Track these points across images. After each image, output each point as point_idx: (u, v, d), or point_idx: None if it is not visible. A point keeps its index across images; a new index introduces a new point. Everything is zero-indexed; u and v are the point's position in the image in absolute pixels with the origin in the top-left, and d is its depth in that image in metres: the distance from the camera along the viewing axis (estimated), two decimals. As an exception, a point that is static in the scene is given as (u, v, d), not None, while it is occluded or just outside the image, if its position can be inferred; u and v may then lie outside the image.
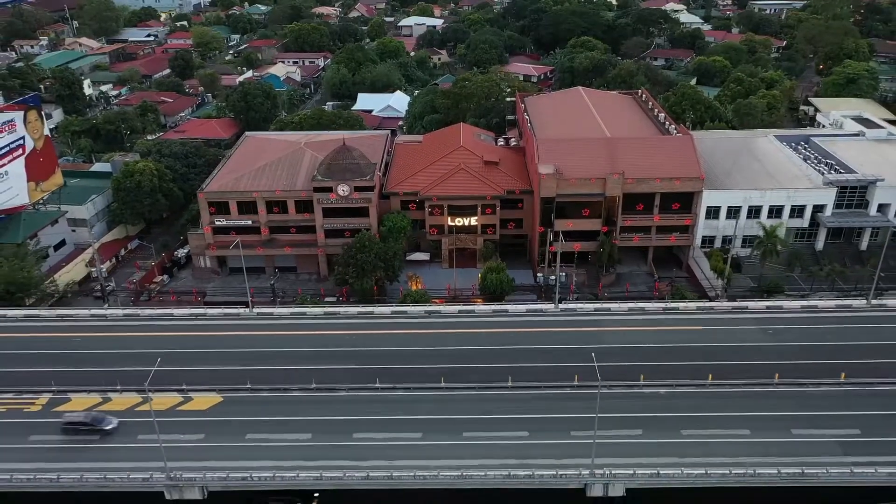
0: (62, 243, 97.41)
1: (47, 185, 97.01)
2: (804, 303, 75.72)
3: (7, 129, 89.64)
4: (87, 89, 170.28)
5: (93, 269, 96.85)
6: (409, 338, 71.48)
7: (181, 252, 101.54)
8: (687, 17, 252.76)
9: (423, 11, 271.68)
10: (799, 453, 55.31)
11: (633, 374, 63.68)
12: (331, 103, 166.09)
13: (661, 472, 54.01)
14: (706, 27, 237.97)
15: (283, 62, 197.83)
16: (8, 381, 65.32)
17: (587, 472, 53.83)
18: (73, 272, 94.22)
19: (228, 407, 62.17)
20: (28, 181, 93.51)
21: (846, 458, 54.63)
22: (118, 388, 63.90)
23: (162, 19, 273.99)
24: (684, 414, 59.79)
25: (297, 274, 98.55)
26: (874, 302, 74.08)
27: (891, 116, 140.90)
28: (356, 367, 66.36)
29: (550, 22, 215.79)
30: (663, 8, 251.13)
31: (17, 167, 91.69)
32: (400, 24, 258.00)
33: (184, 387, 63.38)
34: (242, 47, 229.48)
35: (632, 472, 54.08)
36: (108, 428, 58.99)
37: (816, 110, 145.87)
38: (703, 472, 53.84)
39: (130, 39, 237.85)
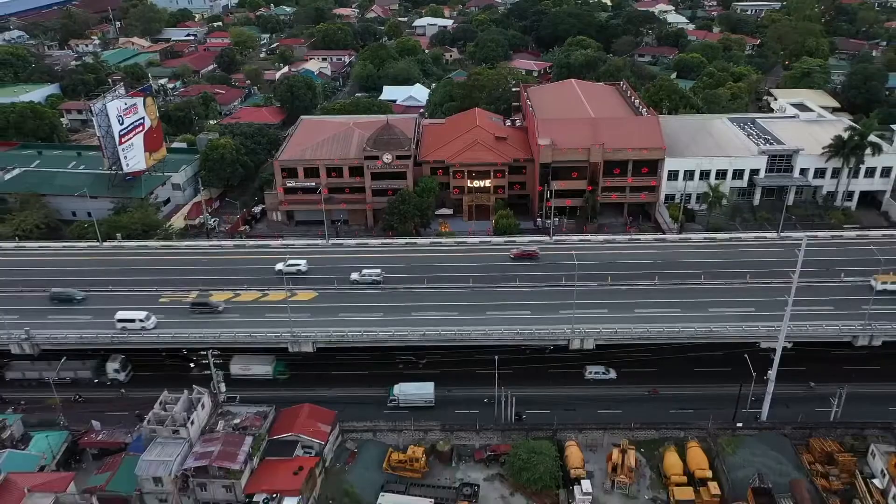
0: (168, 200, 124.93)
1: (157, 155, 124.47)
2: (731, 235, 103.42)
3: (132, 111, 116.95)
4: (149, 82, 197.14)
5: (189, 222, 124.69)
6: (444, 258, 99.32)
7: (257, 209, 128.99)
8: (674, 18, 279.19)
9: (435, 13, 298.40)
10: (713, 321, 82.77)
11: (603, 277, 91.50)
12: (359, 94, 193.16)
13: (618, 330, 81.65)
14: (690, 27, 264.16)
15: (314, 59, 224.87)
16: (165, 284, 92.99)
17: (569, 331, 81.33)
18: (176, 222, 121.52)
19: (323, 299, 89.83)
20: (145, 151, 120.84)
21: (742, 324, 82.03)
22: (244, 287, 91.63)
23: (196, 20, 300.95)
24: (636, 300, 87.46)
25: (349, 225, 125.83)
26: (782, 234, 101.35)
27: (835, 104, 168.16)
28: (408, 275, 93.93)
29: (550, 22, 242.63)
30: (653, 10, 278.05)
31: (139, 140, 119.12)
32: (414, 24, 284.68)
33: (290, 286, 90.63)
34: (274, 45, 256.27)
35: (598, 330, 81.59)
36: None
37: (775, 99, 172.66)
38: (646, 330, 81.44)
39: (173, 39, 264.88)
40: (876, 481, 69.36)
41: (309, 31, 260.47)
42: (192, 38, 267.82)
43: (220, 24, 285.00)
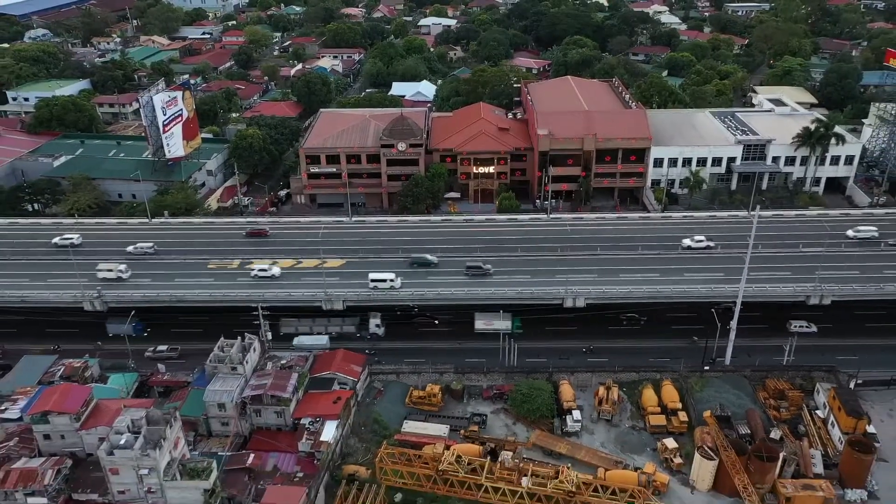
0: (203, 184, 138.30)
1: (193, 143, 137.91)
2: (708, 213, 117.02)
3: (173, 103, 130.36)
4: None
5: (221, 204, 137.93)
6: (455, 232, 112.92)
7: (282, 192, 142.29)
8: (667, 18, 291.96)
9: (439, 12, 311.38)
10: (687, 283, 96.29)
11: (593, 248, 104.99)
12: (370, 90, 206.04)
13: (605, 290, 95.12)
14: (683, 27, 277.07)
15: (326, 56, 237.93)
16: (211, 254, 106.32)
17: (563, 291, 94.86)
18: (211, 204, 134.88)
19: (350, 266, 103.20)
20: (183, 140, 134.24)
21: (711, 285, 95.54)
22: (281, 256, 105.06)
23: (210, 19, 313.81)
24: (622, 266, 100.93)
25: (366, 207, 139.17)
26: (752, 213, 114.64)
27: (813, 100, 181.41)
28: (423, 247, 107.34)
29: (548, 23, 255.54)
30: (647, 10, 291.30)
31: (178, 130, 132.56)
32: (419, 23, 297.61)
33: (322, 256, 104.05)
34: (286, 43, 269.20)
35: (588, 291, 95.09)
36: None
37: (756, 95, 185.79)
38: (629, 290, 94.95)
39: (189, 37, 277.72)
40: (819, 412, 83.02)
41: (319, 30, 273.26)
42: (207, 36, 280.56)
43: (233, 22, 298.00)
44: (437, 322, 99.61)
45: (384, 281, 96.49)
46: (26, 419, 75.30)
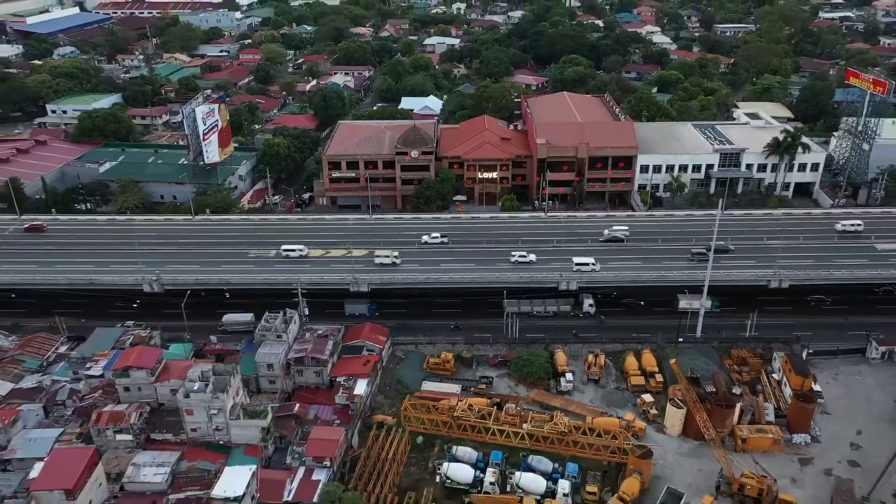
0: (235, 188, 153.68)
1: (227, 150, 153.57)
2: (687, 212, 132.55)
3: (211, 114, 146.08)
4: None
5: (251, 205, 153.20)
6: (463, 226, 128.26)
7: (306, 195, 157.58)
8: (659, 38, 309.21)
9: (443, 32, 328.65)
10: (664, 270, 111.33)
11: (584, 240, 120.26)
12: (380, 104, 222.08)
13: (594, 276, 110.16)
14: (673, 46, 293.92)
15: (338, 73, 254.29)
16: (250, 245, 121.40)
17: (559, 276, 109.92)
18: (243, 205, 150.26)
19: (372, 255, 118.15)
20: (219, 147, 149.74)
21: (685, 272, 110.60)
22: (310, 246, 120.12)
23: (226, 37, 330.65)
24: (611, 255, 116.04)
25: (381, 208, 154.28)
26: (725, 212, 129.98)
27: (790, 115, 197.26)
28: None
29: (547, 42, 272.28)
30: (640, 31, 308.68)
31: (214, 138, 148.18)
32: (425, 42, 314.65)
33: (349, 245, 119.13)
34: (300, 61, 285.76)
35: (580, 276, 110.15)
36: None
37: (737, 109, 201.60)
38: (615, 275, 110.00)
39: (208, 54, 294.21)
40: (775, 375, 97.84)
41: (330, 48, 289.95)
42: (225, 53, 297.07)
43: (249, 41, 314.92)
44: (642, 303, 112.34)
45: (586, 265, 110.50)
46: (108, 375, 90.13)
